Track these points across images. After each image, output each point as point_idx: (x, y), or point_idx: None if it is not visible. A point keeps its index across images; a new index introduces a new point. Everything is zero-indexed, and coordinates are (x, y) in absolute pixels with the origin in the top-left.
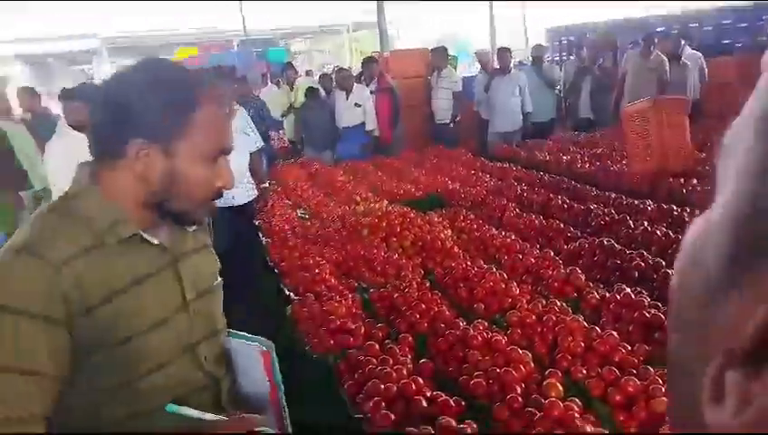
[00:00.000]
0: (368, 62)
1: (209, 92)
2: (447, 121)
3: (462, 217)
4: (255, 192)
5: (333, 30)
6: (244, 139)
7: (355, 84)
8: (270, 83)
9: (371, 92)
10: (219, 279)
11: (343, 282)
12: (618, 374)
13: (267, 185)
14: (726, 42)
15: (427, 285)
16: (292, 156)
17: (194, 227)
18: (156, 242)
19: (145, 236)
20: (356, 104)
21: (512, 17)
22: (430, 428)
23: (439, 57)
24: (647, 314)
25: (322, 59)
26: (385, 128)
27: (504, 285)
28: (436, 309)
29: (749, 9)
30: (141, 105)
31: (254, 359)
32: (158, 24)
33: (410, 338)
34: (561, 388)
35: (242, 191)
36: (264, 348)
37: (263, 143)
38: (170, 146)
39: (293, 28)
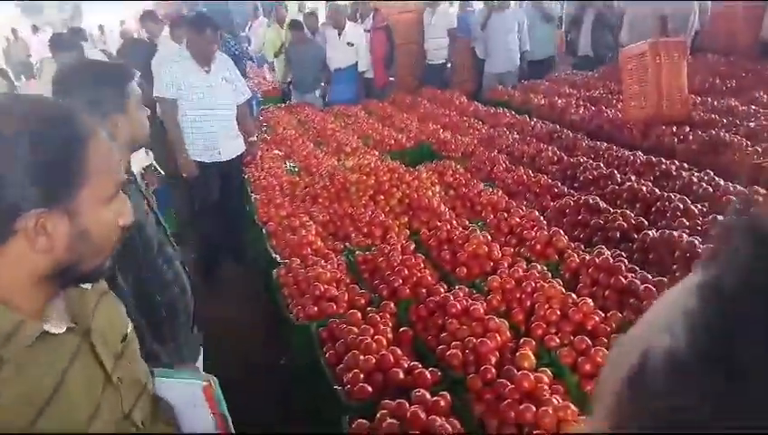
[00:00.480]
0: None
1: (89, 123)
2: (442, 62)
3: (451, 172)
4: (243, 146)
5: None
6: (230, 90)
7: (348, 22)
8: (262, 16)
9: (366, 31)
10: (130, 326)
11: (329, 244)
12: (589, 343)
13: (255, 138)
14: None
15: (412, 247)
16: (283, 99)
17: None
18: (63, 330)
19: (51, 330)
20: (349, 43)
21: None
22: (405, 401)
23: None
24: (623, 280)
25: None
26: (380, 69)
27: (486, 248)
28: (419, 274)
29: None
30: (24, 168)
31: (194, 396)
32: None
33: (392, 305)
34: (533, 358)
35: (228, 145)
36: (205, 383)
37: (250, 94)
38: (72, 203)
39: None
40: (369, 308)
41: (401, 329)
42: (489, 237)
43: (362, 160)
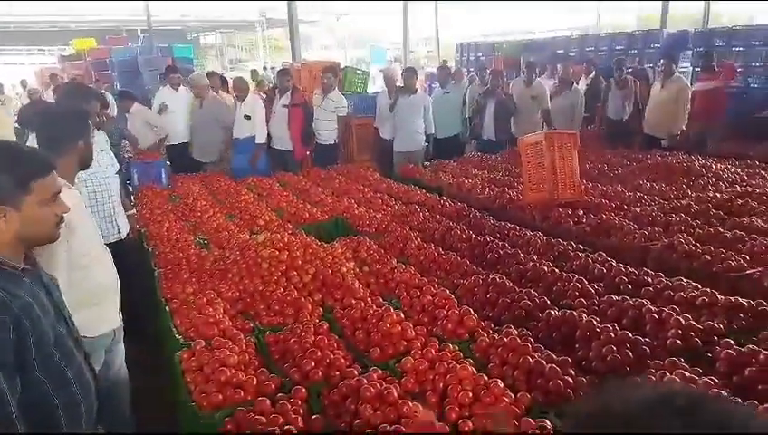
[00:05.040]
0: (282, 74)
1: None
2: (330, 142)
3: (365, 248)
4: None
5: (247, 25)
6: (110, 161)
7: (250, 94)
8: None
9: (284, 106)
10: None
11: (238, 323)
12: None
13: (132, 212)
14: None
15: (325, 326)
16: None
17: None
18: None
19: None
20: (246, 116)
21: (426, 23)
22: None
23: (330, 79)
24: (530, 360)
25: (235, 54)
26: (297, 144)
27: (400, 327)
28: (332, 356)
29: (640, 36)
30: None
31: None
32: (53, 9)
33: (303, 390)
34: None
35: (123, 220)
36: None
37: (118, 166)
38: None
39: (204, 21)
40: (279, 394)
41: (313, 416)
42: (403, 316)
43: (275, 235)
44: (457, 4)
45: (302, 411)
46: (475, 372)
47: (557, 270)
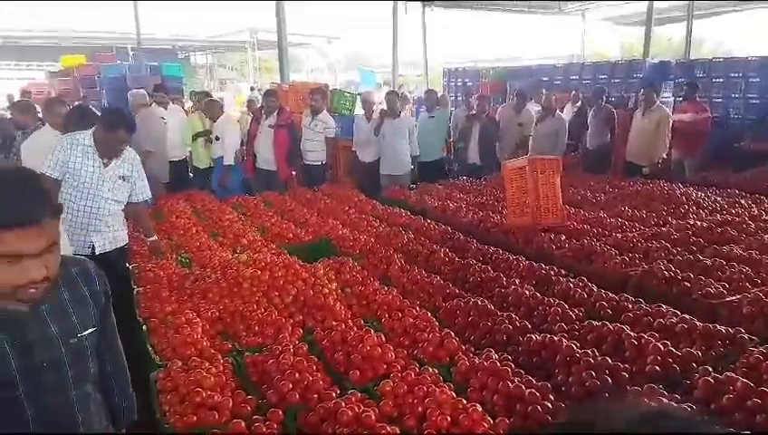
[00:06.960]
0: (268, 95)
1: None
2: (317, 163)
3: (348, 269)
4: (124, 240)
5: (237, 46)
6: (124, 187)
7: (222, 116)
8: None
9: (270, 127)
10: None
11: (217, 343)
12: None
13: (155, 237)
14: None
15: (305, 348)
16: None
17: None
18: None
19: None
20: (216, 137)
21: (416, 48)
22: None
23: (318, 101)
24: (510, 385)
25: (225, 74)
26: (282, 164)
27: (380, 350)
28: (311, 378)
29: (623, 66)
30: None
31: None
32: (45, 25)
33: (280, 413)
34: None
35: (101, 239)
36: None
37: (150, 195)
38: None
39: (194, 41)
40: (255, 416)
41: None
42: (384, 338)
43: (258, 254)
44: (445, 31)
45: (276, 434)
46: (455, 395)
47: (538, 294)
